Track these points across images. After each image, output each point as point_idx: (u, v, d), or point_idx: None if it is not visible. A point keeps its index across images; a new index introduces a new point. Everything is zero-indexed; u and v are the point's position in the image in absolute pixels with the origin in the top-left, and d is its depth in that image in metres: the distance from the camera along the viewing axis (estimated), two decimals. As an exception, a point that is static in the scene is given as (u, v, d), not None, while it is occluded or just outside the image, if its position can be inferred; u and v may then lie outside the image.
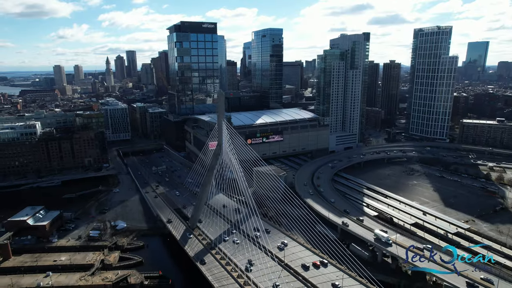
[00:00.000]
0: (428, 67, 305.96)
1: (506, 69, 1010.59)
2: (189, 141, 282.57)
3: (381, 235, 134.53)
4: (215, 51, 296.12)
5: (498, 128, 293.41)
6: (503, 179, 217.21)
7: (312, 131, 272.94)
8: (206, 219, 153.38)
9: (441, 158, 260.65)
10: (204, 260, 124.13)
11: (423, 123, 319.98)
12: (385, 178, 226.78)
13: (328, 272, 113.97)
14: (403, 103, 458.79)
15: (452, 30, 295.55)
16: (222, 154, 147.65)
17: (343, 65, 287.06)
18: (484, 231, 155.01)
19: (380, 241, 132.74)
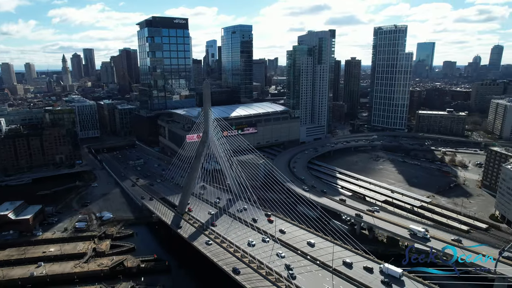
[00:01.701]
0: (387, 62, 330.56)
1: (450, 68, 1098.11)
2: (163, 135, 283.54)
3: (417, 230, 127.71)
4: (186, 46, 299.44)
5: (448, 118, 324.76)
6: (454, 161, 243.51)
7: (284, 123, 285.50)
8: (193, 206, 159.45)
9: (402, 145, 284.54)
10: (199, 240, 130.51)
11: (384, 115, 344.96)
12: (354, 164, 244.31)
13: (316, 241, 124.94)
14: (363, 98, 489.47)
15: (407, 29, 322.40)
16: (209, 142, 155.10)
17: (311, 61, 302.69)
18: (443, 204, 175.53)
19: (416, 237, 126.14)
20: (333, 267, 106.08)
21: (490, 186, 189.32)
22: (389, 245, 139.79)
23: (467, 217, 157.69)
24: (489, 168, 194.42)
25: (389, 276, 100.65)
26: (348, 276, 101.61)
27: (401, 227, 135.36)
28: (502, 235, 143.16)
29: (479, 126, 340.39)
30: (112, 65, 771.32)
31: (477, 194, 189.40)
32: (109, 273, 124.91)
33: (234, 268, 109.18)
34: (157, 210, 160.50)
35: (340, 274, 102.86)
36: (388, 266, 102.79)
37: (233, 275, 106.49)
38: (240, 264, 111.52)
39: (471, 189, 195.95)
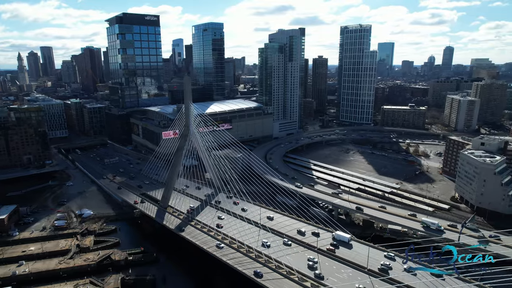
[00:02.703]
0: (353, 60, 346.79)
1: (408, 67, 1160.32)
2: (136, 133, 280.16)
3: (430, 222, 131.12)
4: (158, 43, 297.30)
5: (410, 112, 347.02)
6: (418, 151, 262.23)
7: (258, 119, 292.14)
8: (175, 200, 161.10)
9: (369, 138, 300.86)
10: (185, 230, 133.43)
11: (351, 111, 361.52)
12: (326, 157, 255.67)
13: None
14: (330, 95, 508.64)
15: (371, 28, 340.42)
16: (190, 136, 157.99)
17: (282, 58, 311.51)
18: (410, 189, 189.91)
19: (429, 229, 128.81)
20: (308, 243, 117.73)
21: (450, 172, 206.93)
22: (365, 228, 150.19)
23: (431, 200, 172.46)
24: (448, 155, 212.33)
25: (339, 241, 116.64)
26: (302, 241, 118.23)
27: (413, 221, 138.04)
28: (462, 213, 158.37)
29: (437, 120, 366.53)
30: (74, 64, 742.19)
31: (439, 180, 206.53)
32: (96, 267, 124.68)
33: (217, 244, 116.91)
34: (140, 205, 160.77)
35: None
36: (339, 233, 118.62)
37: (223, 259, 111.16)
38: (228, 249, 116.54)
39: (434, 176, 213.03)
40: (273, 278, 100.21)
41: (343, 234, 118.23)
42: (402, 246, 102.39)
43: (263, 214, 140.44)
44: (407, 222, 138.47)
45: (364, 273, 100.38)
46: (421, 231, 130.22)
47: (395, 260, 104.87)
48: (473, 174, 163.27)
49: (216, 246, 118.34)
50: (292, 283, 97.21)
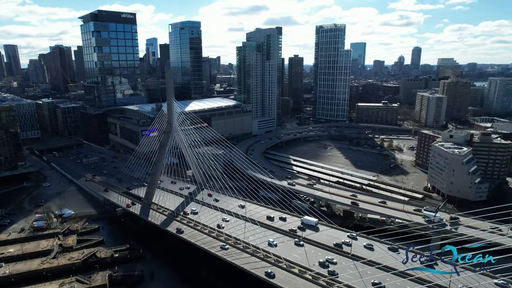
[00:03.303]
0: (328, 59, 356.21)
1: (380, 66, 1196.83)
2: (114, 133, 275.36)
3: (431, 215, 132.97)
4: (135, 42, 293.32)
5: (383, 109, 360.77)
6: (392, 146, 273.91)
7: (237, 117, 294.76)
8: (158, 198, 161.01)
9: (345, 134, 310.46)
10: (172, 226, 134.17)
11: (327, 108, 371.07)
12: (305, 153, 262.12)
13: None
14: (306, 94, 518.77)
15: (345, 28, 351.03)
16: (173, 133, 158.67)
17: (260, 57, 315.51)
18: (386, 181, 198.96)
19: (431, 222, 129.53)
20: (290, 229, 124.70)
21: (422, 164, 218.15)
22: (346, 218, 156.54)
23: (406, 190, 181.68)
24: (420, 148, 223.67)
25: (307, 225, 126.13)
26: (271, 226, 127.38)
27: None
28: (434, 202, 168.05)
29: (409, 116, 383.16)
30: (43, 63, 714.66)
31: (412, 172, 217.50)
32: (81, 265, 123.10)
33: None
34: (122, 203, 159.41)
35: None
36: (307, 218, 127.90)
37: (220, 254, 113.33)
38: (215, 242, 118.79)
39: (407, 168, 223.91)
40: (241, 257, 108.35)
41: (310, 218, 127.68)
42: (380, 232, 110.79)
43: (235, 203, 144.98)
44: (385, 211, 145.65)
45: (324, 249, 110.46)
46: (400, 219, 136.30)
47: (357, 239, 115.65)
48: (444, 164, 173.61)
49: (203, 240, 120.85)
50: (256, 259, 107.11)
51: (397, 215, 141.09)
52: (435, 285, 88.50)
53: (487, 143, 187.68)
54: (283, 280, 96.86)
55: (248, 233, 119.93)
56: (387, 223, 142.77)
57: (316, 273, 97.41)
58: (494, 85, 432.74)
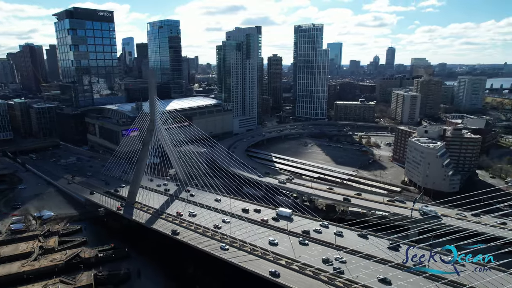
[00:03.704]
0: (307, 58, 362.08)
1: (356, 66, 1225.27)
2: (93, 133, 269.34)
3: (428, 210, 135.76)
4: (113, 40, 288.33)
5: (361, 107, 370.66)
6: (370, 142, 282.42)
7: (218, 116, 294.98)
8: (141, 197, 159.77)
9: (325, 132, 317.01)
10: (157, 224, 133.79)
11: (306, 106, 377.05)
12: (286, 150, 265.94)
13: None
14: (285, 93, 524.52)
15: (323, 27, 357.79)
16: (156, 131, 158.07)
17: (240, 56, 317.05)
18: (366, 176, 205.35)
19: (427, 215, 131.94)
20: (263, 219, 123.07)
21: (399, 159, 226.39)
22: (328, 212, 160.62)
23: (385, 184, 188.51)
24: (397, 144, 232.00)
25: (282, 216, 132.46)
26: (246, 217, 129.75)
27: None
28: (411, 194, 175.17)
29: (385, 113, 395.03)
30: (11, 62, 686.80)
31: (390, 167, 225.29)
32: (64, 266, 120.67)
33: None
34: (105, 203, 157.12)
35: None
36: (281, 209, 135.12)
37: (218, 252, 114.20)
38: (203, 238, 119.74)
39: (385, 163, 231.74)
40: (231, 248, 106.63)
41: (285, 209, 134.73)
42: (361, 224, 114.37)
43: (212, 198, 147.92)
44: (366, 203, 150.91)
45: (295, 237, 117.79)
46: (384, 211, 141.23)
47: (328, 228, 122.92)
48: (420, 158, 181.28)
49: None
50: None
51: (377, 207, 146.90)
52: (397, 265, 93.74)
53: (459, 138, 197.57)
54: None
55: (217, 222, 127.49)
56: (368, 215, 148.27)
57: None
58: (463, 84, 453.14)
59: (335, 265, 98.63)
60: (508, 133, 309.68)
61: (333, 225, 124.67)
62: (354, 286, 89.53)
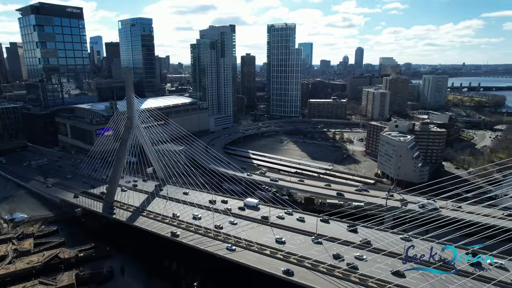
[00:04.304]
0: (280, 57, 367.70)
1: (326, 66, 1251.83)
2: (64, 133, 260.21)
3: (426, 202, 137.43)
4: (83, 38, 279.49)
5: (333, 105, 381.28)
6: (343, 138, 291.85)
7: (194, 114, 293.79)
8: (119, 196, 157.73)
9: (299, 129, 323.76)
10: (138, 221, 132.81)
11: (281, 104, 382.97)
12: (262, 147, 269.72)
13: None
14: (258, 92, 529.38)
15: (296, 27, 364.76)
16: (133, 128, 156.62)
17: (215, 54, 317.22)
18: (341, 169, 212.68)
19: (425, 208, 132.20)
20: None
21: (372, 153, 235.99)
22: (307, 204, 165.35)
23: (359, 177, 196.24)
24: (370, 139, 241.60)
25: (249, 206, 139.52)
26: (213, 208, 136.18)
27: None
28: (384, 186, 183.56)
29: (356, 110, 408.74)
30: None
31: (363, 161, 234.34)
32: (43, 268, 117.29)
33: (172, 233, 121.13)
34: (82, 204, 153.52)
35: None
36: (249, 199, 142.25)
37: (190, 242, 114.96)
38: (186, 233, 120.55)
39: (359, 158, 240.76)
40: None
41: (252, 200, 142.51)
42: (337, 214, 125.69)
43: (180, 191, 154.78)
44: (345, 194, 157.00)
45: (256, 223, 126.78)
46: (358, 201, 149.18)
47: (292, 215, 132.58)
48: (392, 152, 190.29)
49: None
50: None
51: (353, 198, 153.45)
52: (331, 238, 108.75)
53: (426, 131, 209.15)
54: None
55: (184, 214, 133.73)
56: (344, 206, 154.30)
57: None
58: (428, 82, 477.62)
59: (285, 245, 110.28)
60: (468, 127, 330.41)
61: (297, 213, 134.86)
62: (321, 266, 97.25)
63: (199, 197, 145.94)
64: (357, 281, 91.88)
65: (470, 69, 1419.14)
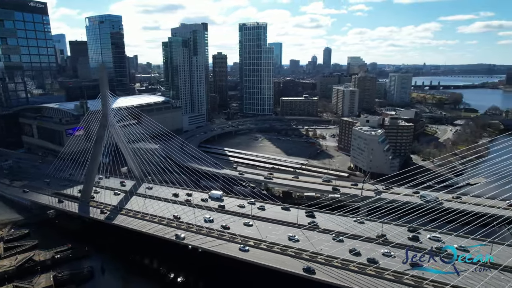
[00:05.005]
0: (253, 55, 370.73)
1: (296, 66, 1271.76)
2: (29, 134, 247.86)
3: (428, 194, 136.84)
4: (48, 34, 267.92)
5: (305, 103, 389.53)
6: (316, 135, 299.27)
7: (167, 113, 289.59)
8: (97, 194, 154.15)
9: (273, 127, 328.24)
10: (118, 219, 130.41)
11: (254, 103, 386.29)
12: (237, 145, 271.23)
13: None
14: (230, 91, 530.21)
15: (267, 25, 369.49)
16: (109, 126, 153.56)
17: (187, 52, 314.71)
18: (316, 164, 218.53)
19: (426, 200, 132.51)
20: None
21: (344, 148, 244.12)
22: (285, 198, 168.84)
23: (333, 171, 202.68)
24: (342, 134, 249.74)
25: (213, 198, 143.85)
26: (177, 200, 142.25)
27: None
28: (358, 178, 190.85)
29: (327, 108, 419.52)
30: None
31: (337, 155, 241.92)
32: (16, 272, 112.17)
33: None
34: (56, 204, 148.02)
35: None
36: (213, 192, 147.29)
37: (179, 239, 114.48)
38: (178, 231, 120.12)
39: (332, 153, 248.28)
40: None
41: (216, 192, 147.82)
42: (314, 205, 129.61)
43: (144, 186, 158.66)
44: (320, 186, 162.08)
45: (220, 212, 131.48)
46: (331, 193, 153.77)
47: (255, 204, 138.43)
48: (364, 145, 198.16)
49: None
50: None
51: (329, 190, 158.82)
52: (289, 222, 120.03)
53: (395, 126, 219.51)
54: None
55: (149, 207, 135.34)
56: (321, 198, 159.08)
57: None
58: (394, 81, 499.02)
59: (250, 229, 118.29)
60: (432, 123, 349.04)
61: (259, 202, 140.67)
62: (290, 251, 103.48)
63: (166, 191, 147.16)
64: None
65: (430, 69, 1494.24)
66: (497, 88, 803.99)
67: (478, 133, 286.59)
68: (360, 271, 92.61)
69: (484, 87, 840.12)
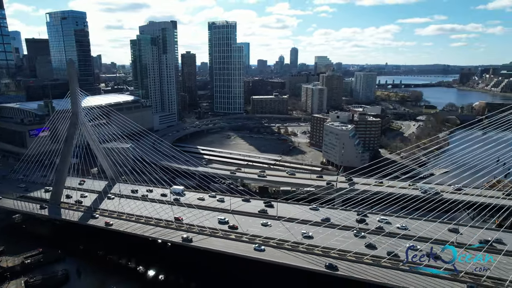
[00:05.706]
0: (222, 54, 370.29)
1: (263, 65, 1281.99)
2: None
3: (427, 187, 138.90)
4: (4, 30, 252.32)
5: (275, 101, 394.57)
6: (288, 132, 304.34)
7: (137, 112, 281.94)
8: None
9: (245, 125, 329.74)
10: (92, 220, 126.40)
11: (224, 102, 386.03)
12: (210, 143, 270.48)
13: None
14: (200, 90, 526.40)
15: (236, 24, 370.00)
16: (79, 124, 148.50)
17: (156, 50, 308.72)
18: (289, 160, 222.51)
19: (427, 193, 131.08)
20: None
21: (316, 144, 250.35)
22: (261, 193, 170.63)
23: (307, 165, 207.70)
24: (313, 131, 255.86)
25: (175, 193, 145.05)
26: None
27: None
28: (330, 172, 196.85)
29: (297, 106, 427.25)
30: None
31: (309, 151, 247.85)
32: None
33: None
34: (23, 208, 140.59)
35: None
36: (175, 187, 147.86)
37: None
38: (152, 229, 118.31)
39: (304, 149, 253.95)
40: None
41: (177, 187, 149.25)
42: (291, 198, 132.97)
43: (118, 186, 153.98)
44: (293, 180, 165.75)
45: (179, 206, 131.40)
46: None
47: (216, 197, 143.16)
48: (335, 140, 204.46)
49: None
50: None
51: (304, 184, 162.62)
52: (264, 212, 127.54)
53: (364, 121, 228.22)
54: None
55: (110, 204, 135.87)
56: (297, 192, 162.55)
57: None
58: (359, 79, 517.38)
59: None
60: (396, 119, 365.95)
61: (220, 195, 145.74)
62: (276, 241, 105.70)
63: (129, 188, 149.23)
64: (320, 253, 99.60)
65: (392, 68, 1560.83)
66: (452, 87, 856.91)
67: (438, 128, 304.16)
68: (308, 251, 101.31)
69: (440, 86, 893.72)
